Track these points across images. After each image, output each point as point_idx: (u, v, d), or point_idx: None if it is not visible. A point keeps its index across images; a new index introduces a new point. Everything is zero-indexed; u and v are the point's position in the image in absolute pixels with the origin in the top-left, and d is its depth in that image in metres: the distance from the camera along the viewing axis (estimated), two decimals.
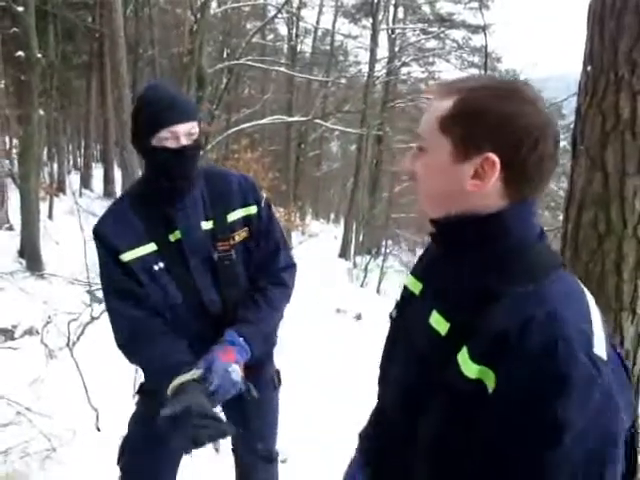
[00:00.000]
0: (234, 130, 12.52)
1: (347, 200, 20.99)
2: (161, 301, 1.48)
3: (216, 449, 2.87)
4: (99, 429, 2.79)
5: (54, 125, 12.74)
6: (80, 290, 5.41)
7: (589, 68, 1.64)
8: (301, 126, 19.16)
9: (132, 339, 1.46)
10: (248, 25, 18.56)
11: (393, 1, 19.94)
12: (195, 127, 1.44)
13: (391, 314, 1.02)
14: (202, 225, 1.51)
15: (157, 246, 1.48)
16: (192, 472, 2.35)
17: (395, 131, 21.31)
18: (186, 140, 1.42)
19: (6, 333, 3.80)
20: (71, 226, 7.14)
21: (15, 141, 10.20)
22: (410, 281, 0.99)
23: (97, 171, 17.06)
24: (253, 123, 13.29)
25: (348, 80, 21.30)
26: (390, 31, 19.88)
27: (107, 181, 15.48)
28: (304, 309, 5.30)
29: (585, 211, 1.63)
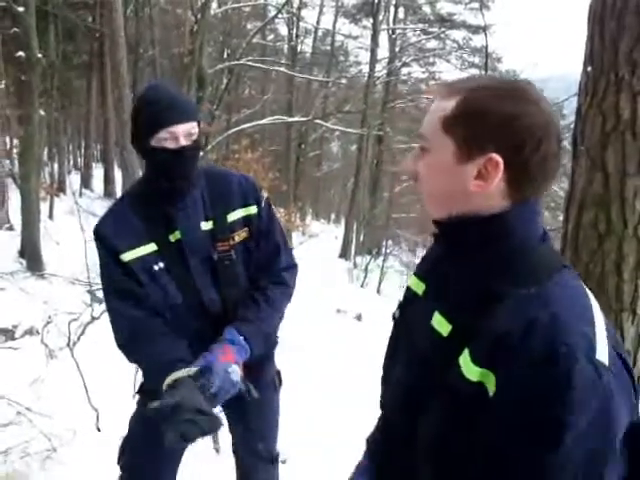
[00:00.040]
0: (234, 130, 12.53)
1: (347, 200, 21.01)
2: (161, 301, 1.48)
3: (216, 449, 2.87)
4: (99, 429, 2.79)
5: (54, 125, 12.75)
6: (80, 290, 5.42)
7: (589, 68, 1.64)
8: (301, 126, 19.18)
9: (132, 339, 1.46)
10: (248, 25, 18.57)
11: (394, 1, 19.96)
12: (194, 127, 1.44)
13: (394, 314, 1.01)
14: (202, 225, 1.51)
15: (157, 246, 1.48)
16: (192, 472, 2.35)
17: (395, 131, 21.32)
18: (185, 140, 1.41)
19: (6, 333, 3.80)
20: (71, 226, 7.15)
21: (16, 141, 10.20)
22: (413, 281, 0.98)
23: (97, 171, 17.06)
24: (253, 123, 13.29)
25: (348, 80, 21.31)
26: (391, 31, 19.90)
27: (107, 181, 15.49)
28: (304, 309, 5.29)
29: (585, 211, 1.63)
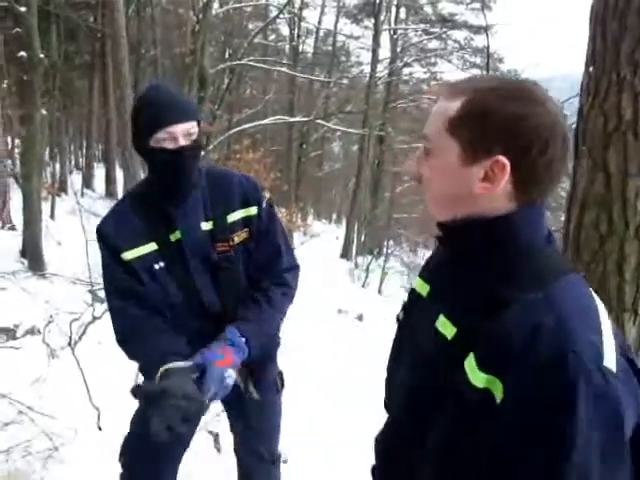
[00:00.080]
0: (236, 130, 12.55)
1: (349, 200, 20.99)
2: (161, 300, 1.48)
3: (217, 449, 2.87)
4: (100, 428, 2.79)
5: (56, 125, 12.77)
6: (82, 290, 5.42)
7: (591, 69, 1.64)
8: (303, 126, 19.19)
9: (132, 337, 1.46)
10: (250, 25, 18.56)
11: (395, 2, 19.94)
12: (194, 127, 1.43)
13: (398, 316, 1.01)
14: (202, 226, 1.51)
15: (157, 246, 1.48)
16: (193, 472, 2.35)
17: (397, 131, 21.31)
18: (184, 140, 1.40)
19: (8, 332, 3.80)
20: (73, 226, 7.16)
21: (17, 141, 10.22)
22: (418, 283, 0.97)
23: (99, 171, 17.07)
24: (255, 123, 13.31)
25: (350, 80, 21.30)
26: (392, 31, 19.88)
27: (109, 181, 15.49)
28: (306, 309, 5.29)
29: (587, 211, 1.63)
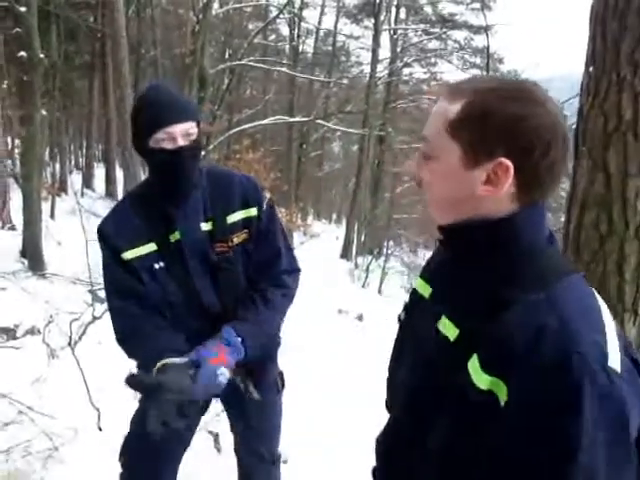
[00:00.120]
0: (236, 130, 12.56)
1: (349, 200, 20.99)
2: (161, 299, 1.49)
3: (217, 449, 2.87)
4: (101, 428, 2.79)
5: (56, 125, 12.77)
6: (82, 290, 5.42)
7: (591, 69, 1.64)
8: (303, 126, 19.19)
9: (132, 336, 1.46)
10: (250, 26, 18.55)
11: (395, 2, 19.94)
12: (193, 127, 1.42)
13: (399, 316, 1.00)
14: (202, 226, 1.51)
15: (157, 246, 1.48)
16: (193, 472, 2.35)
17: (397, 131, 21.29)
18: (183, 141, 1.40)
19: (8, 332, 3.80)
20: (73, 226, 7.15)
21: (17, 141, 10.23)
22: (419, 284, 0.97)
23: (99, 171, 17.08)
24: (255, 123, 13.32)
25: (350, 81, 21.30)
26: (392, 32, 19.89)
27: (109, 181, 15.49)
28: (306, 309, 5.29)
29: (587, 212, 1.63)
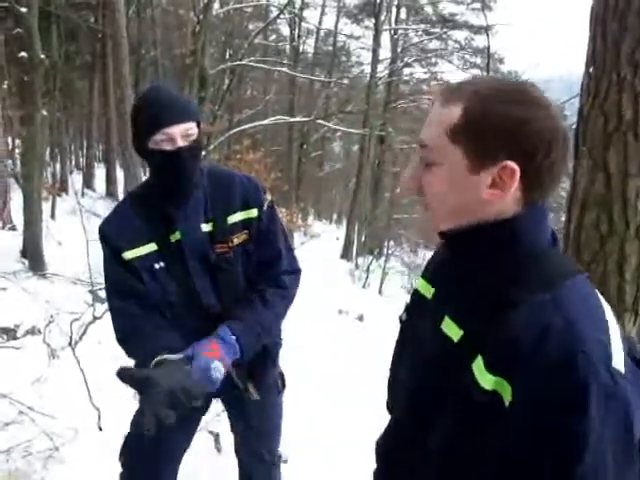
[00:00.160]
0: (236, 130, 12.54)
1: (349, 201, 20.99)
2: (161, 299, 1.49)
3: (218, 449, 2.87)
4: (101, 428, 2.80)
5: (57, 125, 12.79)
6: (82, 290, 5.42)
7: (591, 69, 1.64)
8: (303, 127, 19.19)
9: (132, 335, 1.46)
10: (250, 26, 18.55)
11: (396, 2, 19.94)
12: (193, 128, 1.42)
13: (401, 317, 1.00)
14: (202, 227, 1.51)
15: (157, 246, 1.48)
16: (193, 472, 2.35)
17: (397, 131, 21.29)
18: (183, 141, 1.40)
19: (8, 332, 3.80)
20: (73, 226, 7.15)
21: (18, 141, 10.24)
22: (421, 284, 0.97)
23: (99, 171, 17.10)
24: (255, 124, 13.31)
25: (350, 81, 21.28)
26: (392, 32, 19.88)
27: (109, 181, 15.51)
28: (306, 310, 5.29)
29: (587, 212, 1.63)
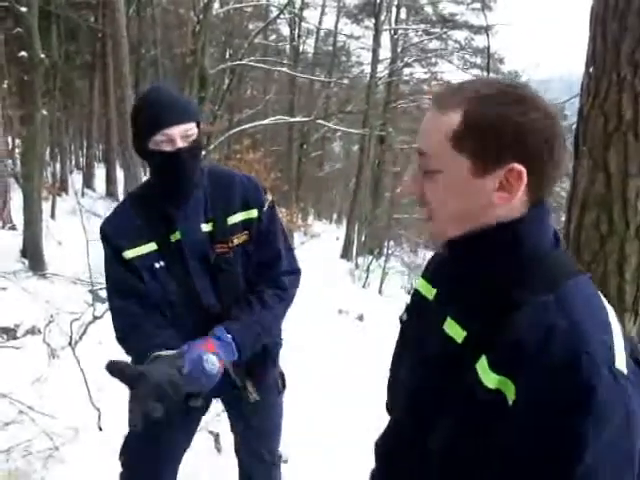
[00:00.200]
0: (236, 130, 12.54)
1: (349, 200, 20.98)
2: (161, 299, 1.49)
3: (218, 449, 2.87)
4: (101, 428, 2.80)
5: (57, 125, 12.79)
6: (82, 290, 5.42)
7: (591, 69, 1.64)
8: (303, 126, 19.19)
9: (132, 334, 1.46)
10: (250, 26, 18.54)
11: (396, 2, 19.94)
12: (192, 128, 1.42)
13: (401, 317, 1.00)
14: (202, 227, 1.51)
15: (157, 246, 1.49)
16: (193, 472, 2.35)
17: (397, 131, 21.29)
18: (182, 142, 1.40)
19: (8, 332, 3.80)
20: (73, 226, 7.16)
21: (18, 141, 10.24)
22: (421, 284, 0.97)
23: (99, 171, 17.10)
24: (255, 123, 13.31)
25: (350, 81, 21.28)
26: (392, 32, 19.87)
27: (109, 181, 15.52)
28: (306, 310, 5.29)
29: (587, 212, 1.63)
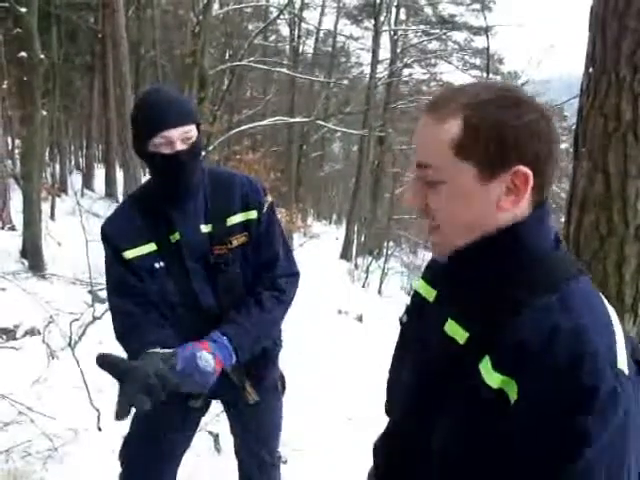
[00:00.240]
0: (236, 131, 12.52)
1: (349, 201, 20.99)
2: (161, 299, 1.49)
3: (217, 450, 2.87)
4: (100, 429, 2.80)
5: (56, 125, 12.75)
6: (82, 290, 5.42)
7: (591, 70, 1.64)
8: (303, 127, 19.18)
9: (131, 333, 1.46)
10: (250, 26, 18.57)
11: (395, 3, 19.93)
12: (192, 130, 1.42)
13: (401, 319, 1.00)
14: (202, 228, 1.51)
15: (157, 246, 1.49)
16: (193, 472, 2.36)
17: (397, 132, 21.29)
18: (181, 144, 1.40)
19: (8, 333, 3.80)
20: (73, 226, 7.15)
21: (17, 141, 10.24)
22: (421, 285, 0.96)
23: (99, 171, 17.08)
24: (255, 124, 13.30)
25: (350, 81, 21.32)
26: (392, 32, 19.86)
27: (109, 182, 15.49)
28: (306, 310, 5.29)
29: (587, 212, 1.63)
